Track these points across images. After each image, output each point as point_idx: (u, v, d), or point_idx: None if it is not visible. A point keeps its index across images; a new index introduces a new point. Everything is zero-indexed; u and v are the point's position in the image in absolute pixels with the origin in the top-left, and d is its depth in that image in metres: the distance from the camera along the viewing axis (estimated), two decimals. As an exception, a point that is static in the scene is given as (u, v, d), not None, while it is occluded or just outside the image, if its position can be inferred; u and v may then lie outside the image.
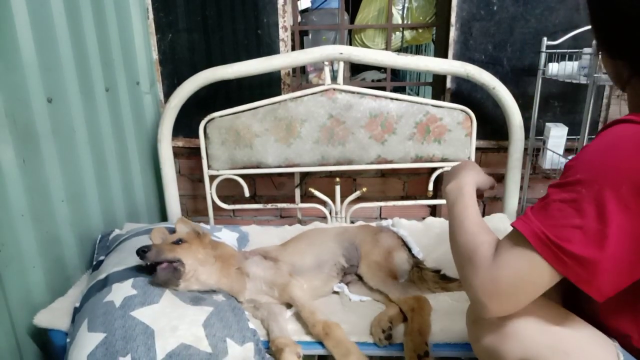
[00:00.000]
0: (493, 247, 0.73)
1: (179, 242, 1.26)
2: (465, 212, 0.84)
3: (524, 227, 0.69)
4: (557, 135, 1.74)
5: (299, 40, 2.11)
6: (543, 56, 1.76)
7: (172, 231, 1.38)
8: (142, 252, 1.18)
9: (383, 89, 1.95)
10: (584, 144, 1.53)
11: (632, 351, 0.76)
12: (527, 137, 1.85)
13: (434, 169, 1.94)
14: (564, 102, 1.95)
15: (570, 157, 1.68)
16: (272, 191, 2.22)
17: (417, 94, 3.13)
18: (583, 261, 0.64)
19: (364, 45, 2.37)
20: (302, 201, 2.12)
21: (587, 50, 1.55)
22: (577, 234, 0.65)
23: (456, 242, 0.81)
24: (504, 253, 0.71)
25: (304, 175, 2.14)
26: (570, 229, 0.65)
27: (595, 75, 1.47)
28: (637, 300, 0.75)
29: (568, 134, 1.77)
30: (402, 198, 2.19)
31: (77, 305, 1.22)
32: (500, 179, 1.93)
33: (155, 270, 1.20)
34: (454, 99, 1.96)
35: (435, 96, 2.06)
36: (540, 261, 0.67)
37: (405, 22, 2.28)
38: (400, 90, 3.06)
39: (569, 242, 0.65)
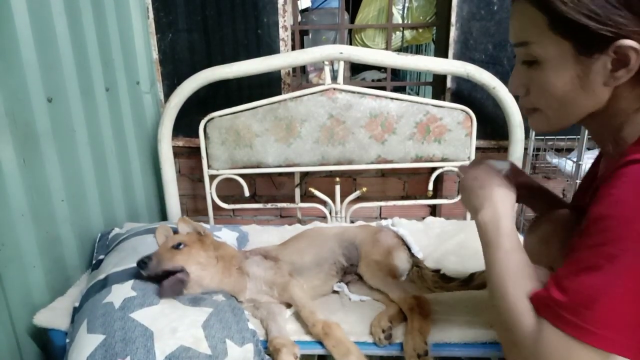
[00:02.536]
0: (533, 316, 0.67)
1: (179, 245, 1.24)
2: (506, 259, 0.73)
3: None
4: None
5: (299, 40, 2.10)
6: (543, 56, 1.76)
7: (176, 230, 1.38)
8: (142, 263, 1.17)
9: (383, 88, 1.95)
10: (584, 144, 1.52)
11: None
12: (527, 137, 1.85)
13: (434, 169, 1.94)
14: (564, 102, 1.94)
15: (571, 155, 1.69)
16: (272, 191, 2.21)
17: (417, 94, 3.12)
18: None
19: (364, 45, 2.37)
20: (302, 201, 2.12)
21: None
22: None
23: (496, 303, 0.73)
24: (547, 336, 0.64)
25: (304, 175, 2.14)
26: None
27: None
28: None
29: (568, 134, 1.77)
30: (402, 198, 2.19)
31: (77, 305, 1.22)
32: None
33: (159, 281, 1.19)
34: (454, 99, 1.95)
35: (435, 96, 2.06)
36: (590, 349, 0.61)
37: (405, 21, 2.28)
38: (401, 90, 3.05)
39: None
